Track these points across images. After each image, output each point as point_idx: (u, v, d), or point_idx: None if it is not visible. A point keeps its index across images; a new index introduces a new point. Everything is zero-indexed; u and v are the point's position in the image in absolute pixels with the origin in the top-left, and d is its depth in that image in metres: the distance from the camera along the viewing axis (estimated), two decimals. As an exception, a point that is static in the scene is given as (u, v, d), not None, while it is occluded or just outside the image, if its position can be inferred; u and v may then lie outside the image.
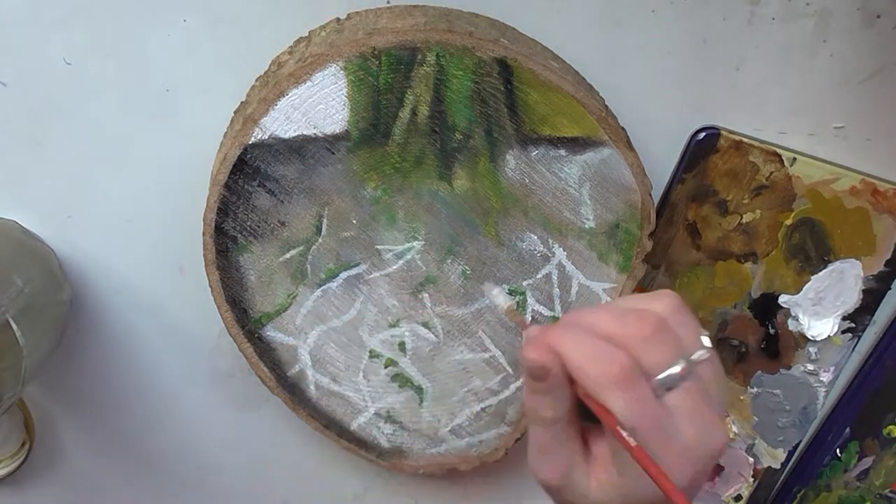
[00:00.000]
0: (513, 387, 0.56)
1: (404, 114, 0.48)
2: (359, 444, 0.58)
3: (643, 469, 0.38)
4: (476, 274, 0.53)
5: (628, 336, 0.39)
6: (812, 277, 0.55)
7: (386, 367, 0.56)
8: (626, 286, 0.53)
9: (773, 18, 0.49)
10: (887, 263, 0.54)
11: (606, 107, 0.49)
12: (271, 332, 0.54)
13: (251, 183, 0.49)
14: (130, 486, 0.69)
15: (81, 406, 0.64)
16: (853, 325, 0.56)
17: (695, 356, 0.40)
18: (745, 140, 0.51)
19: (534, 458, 0.42)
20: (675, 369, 0.39)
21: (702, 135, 0.51)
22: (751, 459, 0.62)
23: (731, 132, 0.51)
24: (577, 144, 0.49)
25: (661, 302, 0.41)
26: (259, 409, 0.64)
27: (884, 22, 0.48)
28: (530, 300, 0.54)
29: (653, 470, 0.37)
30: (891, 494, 0.63)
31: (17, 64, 0.51)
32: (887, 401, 0.59)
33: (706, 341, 0.41)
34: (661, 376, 0.38)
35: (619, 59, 0.50)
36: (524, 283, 0.53)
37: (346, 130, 0.48)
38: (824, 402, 0.60)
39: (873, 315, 0.56)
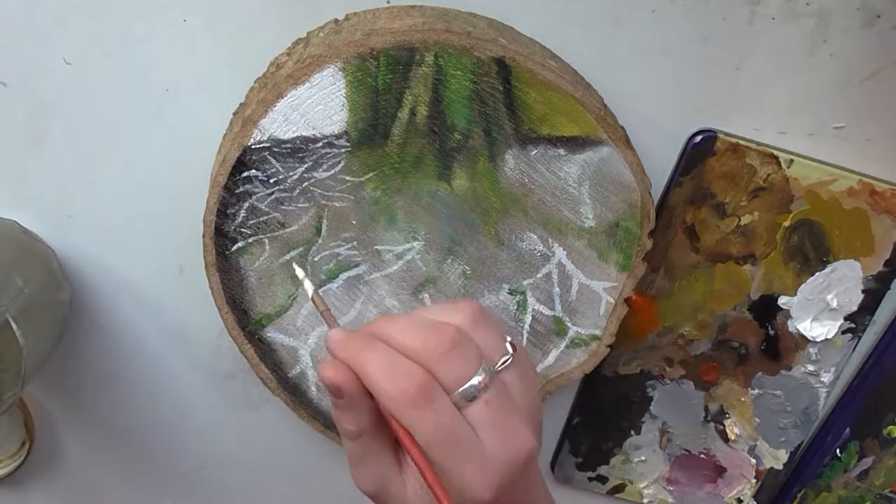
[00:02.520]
0: (514, 387, 0.56)
1: (403, 114, 0.48)
2: (359, 444, 0.58)
3: (429, 488, 0.39)
4: (476, 274, 0.53)
5: (426, 351, 0.39)
6: (811, 278, 0.55)
7: (386, 368, 0.56)
8: (627, 285, 0.53)
9: (773, 18, 0.48)
10: (886, 263, 0.54)
11: (605, 105, 0.49)
12: (272, 334, 0.54)
13: (250, 184, 0.49)
14: (130, 485, 0.69)
15: (81, 406, 0.64)
16: (853, 325, 0.56)
17: (498, 364, 0.41)
18: (741, 142, 0.51)
19: (350, 467, 0.43)
20: (475, 381, 0.39)
21: (698, 137, 0.51)
22: (753, 460, 0.62)
23: (727, 134, 0.51)
24: (576, 143, 0.49)
25: (461, 313, 0.41)
26: (260, 410, 0.64)
27: (884, 22, 0.48)
28: (531, 299, 0.54)
29: (436, 491, 0.39)
30: (891, 494, 0.63)
31: (17, 64, 0.51)
32: (887, 401, 0.59)
33: (510, 347, 0.41)
34: (460, 390, 0.39)
35: (619, 59, 0.50)
36: (524, 283, 0.53)
37: (345, 131, 0.48)
38: (825, 403, 0.60)
39: (873, 315, 0.56)
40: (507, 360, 0.41)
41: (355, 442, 0.42)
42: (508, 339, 0.42)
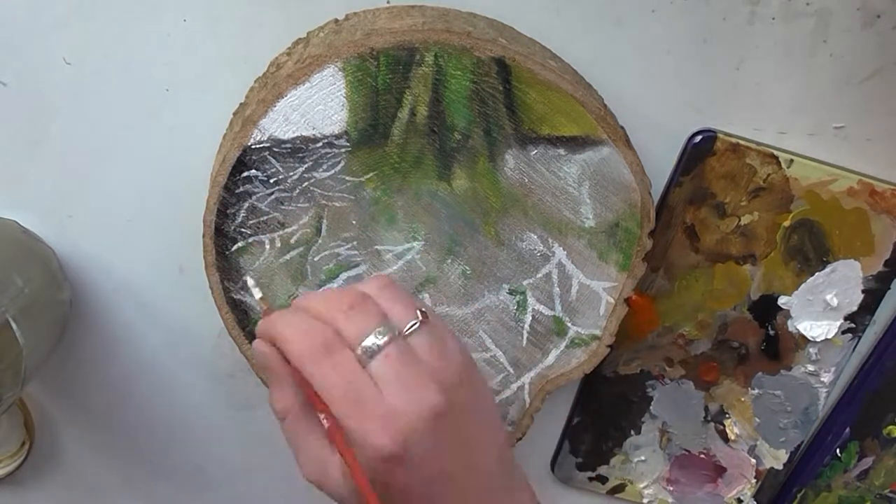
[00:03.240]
0: (514, 386, 0.56)
1: (403, 114, 0.48)
2: (359, 444, 0.58)
3: (330, 441, 0.41)
4: (476, 274, 0.53)
5: (329, 310, 0.42)
6: (811, 278, 0.55)
7: (386, 368, 0.56)
8: (627, 285, 0.53)
9: (773, 18, 0.48)
10: (886, 263, 0.54)
11: (605, 105, 0.49)
12: (272, 333, 0.54)
13: (250, 184, 0.49)
14: (130, 485, 0.69)
15: (81, 406, 0.64)
16: (853, 325, 0.56)
17: (405, 329, 0.43)
18: (741, 142, 0.51)
19: (296, 459, 0.45)
20: (377, 338, 0.41)
21: (698, 137, 0.51)
22: (753, 460, 0.62)
23: (727, 134, 0.51)
24: (576, 143, 0.49)
25: (369, 283, 0.44)
26: (259, 409, 0.64)
27: (884, 22, 0.48)
28: (531, 299, 0.54)
29: (338, 444, 0.41)
30: (891, 494, 0.63)
31: (17, 64, 0.51)
32: (887, 401, 0.59)
33: (419, 314, 0.43)
34: (362, 345, 0.41)
35: (619, 59, 0.50)
36: (524, 283, 0.53)
37: (345, 131, 0.48)
38: (825, 403, 0.60)
39: (873, 315, 0.56)
40: (414, 325, 0.43)
41: (287, 422, 0.44)
42: (421, 309, 0.44)
